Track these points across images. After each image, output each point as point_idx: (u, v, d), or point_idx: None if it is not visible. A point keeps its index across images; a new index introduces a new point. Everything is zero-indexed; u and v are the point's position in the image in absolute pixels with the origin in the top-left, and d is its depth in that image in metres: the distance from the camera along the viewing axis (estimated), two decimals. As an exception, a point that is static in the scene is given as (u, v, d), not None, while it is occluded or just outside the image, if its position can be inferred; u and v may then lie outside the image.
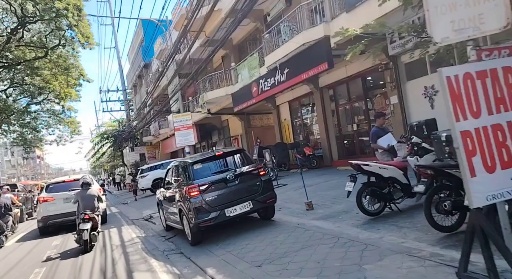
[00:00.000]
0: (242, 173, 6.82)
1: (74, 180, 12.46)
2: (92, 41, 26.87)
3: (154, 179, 22.20)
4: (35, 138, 37.22)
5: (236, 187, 6.69)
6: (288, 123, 18.22)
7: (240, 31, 18.61)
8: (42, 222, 11.67)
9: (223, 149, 7.48)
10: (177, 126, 17.02)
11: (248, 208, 6.64)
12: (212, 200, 6.53)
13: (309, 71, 12.01)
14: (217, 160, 7.03)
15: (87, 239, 7.92)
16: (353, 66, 12.99)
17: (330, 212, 6.85)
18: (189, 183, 6.71)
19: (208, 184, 6.59)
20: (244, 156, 7.29)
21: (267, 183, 6.95)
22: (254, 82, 16.03)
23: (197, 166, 6.89)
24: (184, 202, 6.76)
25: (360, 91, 13.43)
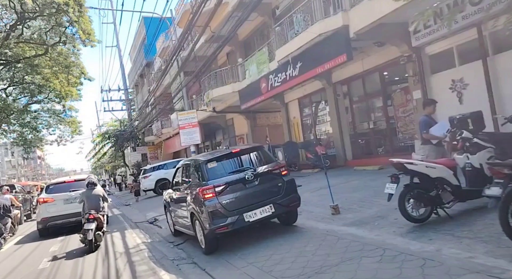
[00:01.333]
0: (262, 173, 6.04)
1: (75, 181, 12.27)
2: (93, 38, 26.18)
3: (157, 180, 21.48)
4: (35, 138, 36.61)
5: (255, 189, 5.92)
6: (298, 121, 17.44)
7: (246, 27, 17.87)
8: (42, 223, 11.34)
9: (239, 146, 6.69)
10: (182, 124, 16.25)
11: (269, 213, 5.87)
12: (229, 203, 5.75)
13: (325, 64, 11.24)
14: (234, 158, 6.25)
15: (92, 239, 7.88)
16: (370, 59, 12.23)
17: (361, 217, 6.07)
18: (202, 184, 5.93)
19: (225, 185, 5.82)
20: (263, 154, 6.51)
21: (290, 184, 6.17)
22: (263, 78, 15.26)
23: (211, 164, 6.12)
24: (197, 205, 5.99)
25: (377, 87, 12.65)
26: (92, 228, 7.96)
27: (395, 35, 10.35)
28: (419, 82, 10.50)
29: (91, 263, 7.16)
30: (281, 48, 12.97)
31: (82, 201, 8.74)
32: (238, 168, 6.11)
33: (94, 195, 8.70)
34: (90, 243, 7.92)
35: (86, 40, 25.99)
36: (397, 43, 10.56)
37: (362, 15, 9.65)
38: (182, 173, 7.24)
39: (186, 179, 6.97)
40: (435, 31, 9.47)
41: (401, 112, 11.65)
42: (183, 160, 7.77)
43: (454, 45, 9.59)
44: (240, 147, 6.47)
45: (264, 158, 6.41)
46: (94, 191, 8.78)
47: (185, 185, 6.94)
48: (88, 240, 7.88)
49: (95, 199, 8.61)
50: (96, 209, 8.44)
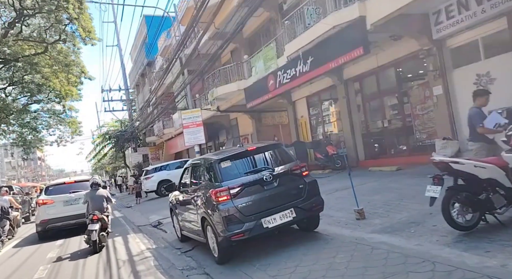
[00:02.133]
0: (281, 173, 5.42)
1: (75, 182, 12.03)
2: (93, 35, 25.63)
3: (159, 181, 20.91)
4: (35, 138, 36.10)
5: (274, 191, 5.30)
6: (306, 120, 16.82)
7: (251, 23, 17.26)
8: (41, 226, 11.01)
9: (255, 143, 6.07)
10: (185, 123, 15.62)
11: (290, 218, 5.24)
12: (246, 207, 5.13)
13: (339, 59, 10.61)
14: (249, 157, 5.63)
15: (96, 240, 7.88)
16: (385, 54, 11.61)
17: (392, 223, 5.44)
18: (215, 186, 5.31)
19: (240, 186, 5.20)
20: (282, 152, 5.88)
21: (312, 186, 5.54)
22: (271, 75, 14.64)
23: (225, 164, 5.49)
24: (209, 209, 5.37)
25: (392, 83, 12.03)
26: (96, 229, 7.94)
27: (415, 27, 9.75)
28: (440, 77, 9.89)
29: (91, 273, 6.53)
30: (291, 43, 12.35)
31: (86, 202, 8.74)
32: (255, 168, 5.49)
33: (98, 196, 8.68)
34: (94, 243, 7.90)
35: (86, 38, 25.47)
36: (416, 36, 9.95)
37: (380, 5, 9.02)
38: (191, 173, 6.61)
39: (195, 180, 6.36)
40: (459, 22, 8.88)
41: (419, 110, 11.03)
42: (191, 159, 7.13)
43: (479, 36, 8.98)
44: (256, 144, 5.86)
45: (282, 157, 5.78)
46: (98, 192, 8.76)
47: (194, 186, 6.32)
48: (92, 240, 7.88)
49: (99, 200, 8.60)
50: (100, 210, 8.42)
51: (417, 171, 9.31)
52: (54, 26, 25.10)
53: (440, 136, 9.94)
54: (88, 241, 8.04)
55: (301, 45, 11.78)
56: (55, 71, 27.76)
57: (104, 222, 8.33)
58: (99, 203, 8.55)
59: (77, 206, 11.00)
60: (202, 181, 5.91)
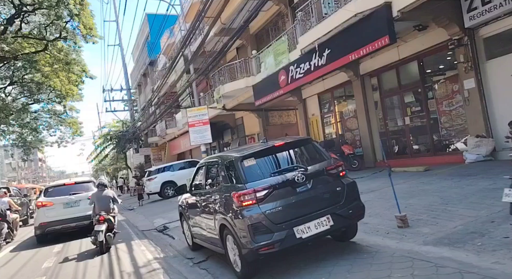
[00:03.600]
0: (315, 174, 4.61)
1: (76, 183, 11.74)
2: (95, 33, 24.87)
3: (163, 182, 20.15)
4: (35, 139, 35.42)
5: (308, 194, 4.49)
6: (317, 119, 16.00)
7: (259, 18, 16.46)
8: (40, 229, 10.65)
9: (283, 138, 5.24)
10: (191, 121, 14.81)
11: (326, 226, 4.42)
12: (276, 214, 4.31)
13: (361, 50, 9.79)
14: (277, 154, 4.81)
15: (103, 240, 7.86)
16: (407, 46, 10.80)
17: (446, 232, 4.60)
18: (238, 188, 4.50)
19: (269, 189, 4.38)
20: (314, 149, 5.06)
21: (351, 189, 4.73)
22: (282, 70, 13.83)
23: (249, 162, 4.67)
24: (231, 215, 4.55)
25: (415, 77, 11.19)
26: (103, 229, 7.91)
27: (445, 14, 8.94)
28: (472, 70, 9.07)
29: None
30: (305, 35, 11.55)
31: (92, 203, 8.72)
32: (284, 168, 4.67)
33: (104, 197, 8.64)
34: (101, 244, 7.87)
35: (87, 35, 24.74)
36: (446, 25, 9.14)
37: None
38: (205, 173, 5.79)
39: (211, 181, 5.54)
40: (496, 7, 8.06)
41: (446, 106, 10.21)
42: (205, 158, 6.28)
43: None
44: (285, 139, 5.05)
45: (315, 155, 4.96)
46: (105, 193, 8.73)
47: (210, 188, 5.50)
48: (99, 241, 7.84)
49: (105, 201, 8.56)
50: (106, 211, 8.37)
51: (449, 172, 8.49)
52: (54, 23, 24.40)
53: (472, 133, 9.14)
54: (95, 242, 7.98)
55: (317, 37, 10.99)
56: (55, 70, 27.07)
57: (111, 223, 8.28)
58: (105, 204, 8.49)
59: (77, 209, 10.77)
60: (220, 182, 5.09)
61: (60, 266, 7.41)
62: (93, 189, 11.30)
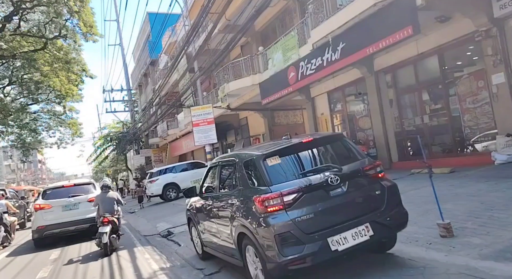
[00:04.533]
0: (351, 175, 3.95)
1: (75, 185, 11.42)
2: (95, 30, 24.31)
3: (165, 184, 19.48)
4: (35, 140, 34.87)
5: (343, 199, 3.83)
6: (327, 118, 15.33)
7: (265, 14, 15.83)
8: (38, 233, 10.28)
9: (312, 134, 4.58)
10: (195, 120, 14.15)
11: (366, 237, 3.76)
12: (307, 222, 3.66)
13: (380, 42, 9.13)
14: (305, 151, 4.15)
15: (107, 242, 7.82)
16: (428, 39, 10.13)
17: (505, 245, 3.92)
18: (261, 191, 3.84)
19: (298, 192, 3.72)
20: (347, 146, 4.40)
21: (392, 192, 4.07)
22: (292, 66, 13.19)
23: (272, 161, 4.01)
24: (252, 222, 3.89)
25: (435, 73, 10.52)
26: (107, 231, 7.87)
27: (472, 3, 8.29)
28: (501, 63, 8.41)
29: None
30: (318, 28, 10.91)
31: (96, 205, 8.67)
32: (314, 167, 4.01)
33: (109, 198, 8.60)
34: (105, 246, 7.84)
35: (87, 34, 24.17)
36: (472, 15, 8.48)
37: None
38: (218, 174, 5.12)
39: (227, 183, 4.88)
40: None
41: (470, 103, 9.54)
42: (218, 156, 5.61)
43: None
44: (313, 135, 4.39)
45: (349, 153, 4.30)
46: (109, 194, 8.68)
47: (224, 191, 4.85)
48: (103, 243, 7.82)
49: (109, 202, 8.52)
50: (111, 212, 8.34)
51: (479, 173, 7.83)
52: (53, 21, 23.84)
53: (502, 132, 8.48)
54: (99, 244, 7.96)
55: (331, 29, 10.34)
56: (54, 69, 26.51)
57: (115, 225, 8.22)
58: (109, 206, 8.45)
59: (77, 211, 10.46)
60: (238, 184, 4.42)
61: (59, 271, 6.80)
62: (93, 191, 11.09)
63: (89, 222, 10.32)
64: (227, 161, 4.95)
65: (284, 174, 3.95)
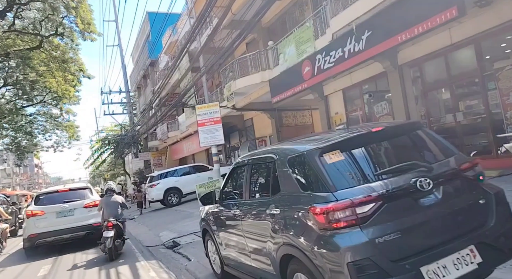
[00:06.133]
0: (445, 176, 2.85)
1: (70, 190, 10.86)
2: (93, 28, 23.28)
3: (166, 189, 18.41)
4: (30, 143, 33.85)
5: (438, 210, 2.75)
6: (342, 117, 14.23)
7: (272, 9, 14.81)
8: (29, 241, 9.68)
9: (380, 122, 3.47)
10: (201, 120, 13.07)
11: (473, 265, 2.65)
12: (392, 244, 2.56)
13: (415, 28, 8.07)
14: (376, 144, 3.06)
15: (112, 247, 7.72)
16: (463, 28, 9.04)
17: None
18: (320, 198, 2.75)
19: (377, 200, 2.62)
20: (429, 137, 3.29)
21: (500, 201, 2.95)
22: (307, 60, 12.13)
23: (332, 157, 2.90)
24: (307, 242, 2.79)
25: (471, 65, 9.45)
26: (111, 236, 7.75)
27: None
28: (557, 50, 7.36)
29: None
30: (340, 15, 9.86)
31: (101, 209, 8.58)
32: (393, 166, 2.91)
33: (113, 202, 8.47)
34: (109, 251, 7.74)
35: (85, 32, 23.15)
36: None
37: None
38: (248, 177, 4.01)
39: (260, 187, 3.78)
40: None
41: (514, 97, 8.48)
42: (243, 155, 4.45)
43: None
44: (383, 124, 3.30)
45: (434, 147, 3.20)
46: (113, 198, 8.56)
47: (257, 197, 3.74)
48: (108, 248, 7.70)
49: (113, 206, 8.39)
50: (115, 216, 8.19)
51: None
52: (50, 18, 22.84)
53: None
54: (104, 248, 7.83)
55: (355, 16, 9.29)
56: (51, 69, 25.48)
57: (120, 229, 8.13)
58: (114, 210, 8.32)
59: (72, 218, 9.87)
60: (279, 188, 3.32)
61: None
62: (90, 197, 10.38)
63: (85, 230, 9.76)
64: (260, 159, 3.85)
65: (351, 176, 2.85)
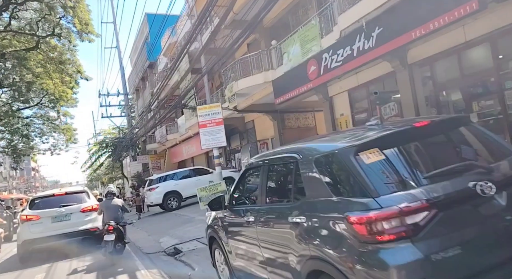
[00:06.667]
0: (509, 178, 2.41)
1: (67, 194, 10.54)
2: (91, 29, 22.89)
3: (165, 193, 17.94)
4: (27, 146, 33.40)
5: (504, 219, 2.30)
6: (347, 119, 13.82)
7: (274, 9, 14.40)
8: (23, 247, 9.45)
9: (427, 117, 3.05)
10: (202, 121, 12.63)
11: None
12: (450, 261, 2.12)
13: (430, 23, 7.68)
14: (421, 141, 2.63)
15: (112, 251, 7.70)
16: (478, 24, 8.63)
17: None
18: (358, 204, 2.31)
19: (430, 208, 2.18)
20: (480, 133, 2.85)
21: None
22: (312, 60, 11.73)
23: (370, 156, 2.47)
24: (344, 256, 2.34)
25: (486, 63, 9.03)
26: (112, 239, 7.71)
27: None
28: None
29: None
30: (349, 11, 9.46)
31: (101, 212, 8.57)
32: (445, 168, 2.46)
33: (113, 206, 8.39)
34: (110, 255, 7.71)
35: (83, 33, 22.75)
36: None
37: None
38: (264, 179, 3.56)
39: (280, 191, 3.33)
40: None
41: (534, 96, 8.08)
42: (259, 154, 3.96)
43: None
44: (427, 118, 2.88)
45: (487, 144, 2.77)
46: (113, 202, 8.49)
47: (277, 202, 3.30)
48: (109, 252, 7.67)
49: (114, 210, 8.32)
50: (116, 220, 8.12)
51: None
52: (46, 19, 22.43)
53: None
54: (104, 253, 7.75)
55: (366, 12, 8.90)
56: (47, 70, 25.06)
57: (120, 233, 8.03)
58: (114, 213, 8.24)
59: (68, 223, 9.63)
60: (303, 193, 2.87)
61: None
62: (87, 201, 10.10)
63: (82, 235, 9.50)
64: (279, 159, 3.40)
65: (395, 178, 2.41)
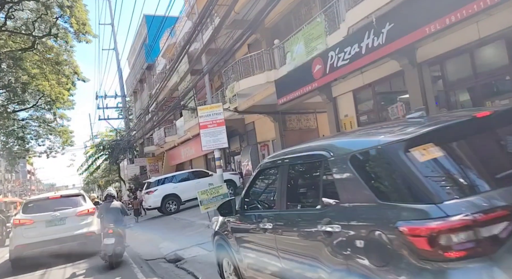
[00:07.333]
0: None
1: (62, 197, 10.29)
2: (88, 29, 22.46)
3: (164, 196, 17.51)
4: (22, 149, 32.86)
5: None
6: (352, 120, 13.43)
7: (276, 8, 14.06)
8: (16, 253, 9.20)
9: (486, 107, 2.67)
10: (203, 122, 12.22)
11: None
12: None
13: (446, 17, 7.31)
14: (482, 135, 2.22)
15: (112, 255, 7.63)
16: (492, 21, 8.28)
17: None
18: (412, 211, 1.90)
19: (510, 216, 1.76)
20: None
21: None
22: (317, 58, 11.35)
23: (426, 153, 2.06)
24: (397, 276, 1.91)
25: (501, 61, 8.65)
26: (112, 243, 7.66)
27: None
28: None
29: None
30: (357, 6, 9.08)
31: (100, 215, 8.51)
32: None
33: (113, 209, 8.36)
34: (110, 259, 7.67)
35: (80, 33, 22.32)
36: None
37: None
38: (286, 180, 3.14)
39: (305, 194, 2.92)
40: None
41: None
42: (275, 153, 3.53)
43: None
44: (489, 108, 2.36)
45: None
46: (113, 204, 8.46)
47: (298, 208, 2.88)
48: (108, 255, 7.62)
49: (114, 213, 8.28)
50: (116, 223, 8.07)
51: None
52: (43, 18, 22.00)
53: None
54: (104, 256, 7.72)
55: (376, 7, 8.53)
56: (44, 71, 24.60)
57: (120, 236, 7.97)
58: (114, 216, 8.19)
59: (63, 227, 9.32)
60: (340, 197, 2.46)
61: None
62: (82, 204, 9.79)
63: (77, 240, 9.29)
64: (302, 157, 2.99)
65: (458, 180, 2.01)
